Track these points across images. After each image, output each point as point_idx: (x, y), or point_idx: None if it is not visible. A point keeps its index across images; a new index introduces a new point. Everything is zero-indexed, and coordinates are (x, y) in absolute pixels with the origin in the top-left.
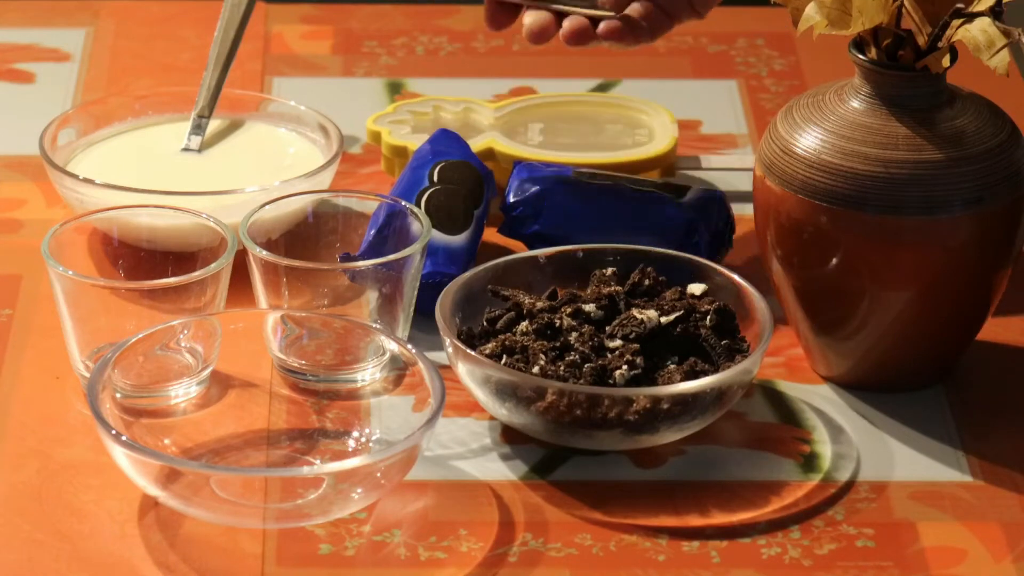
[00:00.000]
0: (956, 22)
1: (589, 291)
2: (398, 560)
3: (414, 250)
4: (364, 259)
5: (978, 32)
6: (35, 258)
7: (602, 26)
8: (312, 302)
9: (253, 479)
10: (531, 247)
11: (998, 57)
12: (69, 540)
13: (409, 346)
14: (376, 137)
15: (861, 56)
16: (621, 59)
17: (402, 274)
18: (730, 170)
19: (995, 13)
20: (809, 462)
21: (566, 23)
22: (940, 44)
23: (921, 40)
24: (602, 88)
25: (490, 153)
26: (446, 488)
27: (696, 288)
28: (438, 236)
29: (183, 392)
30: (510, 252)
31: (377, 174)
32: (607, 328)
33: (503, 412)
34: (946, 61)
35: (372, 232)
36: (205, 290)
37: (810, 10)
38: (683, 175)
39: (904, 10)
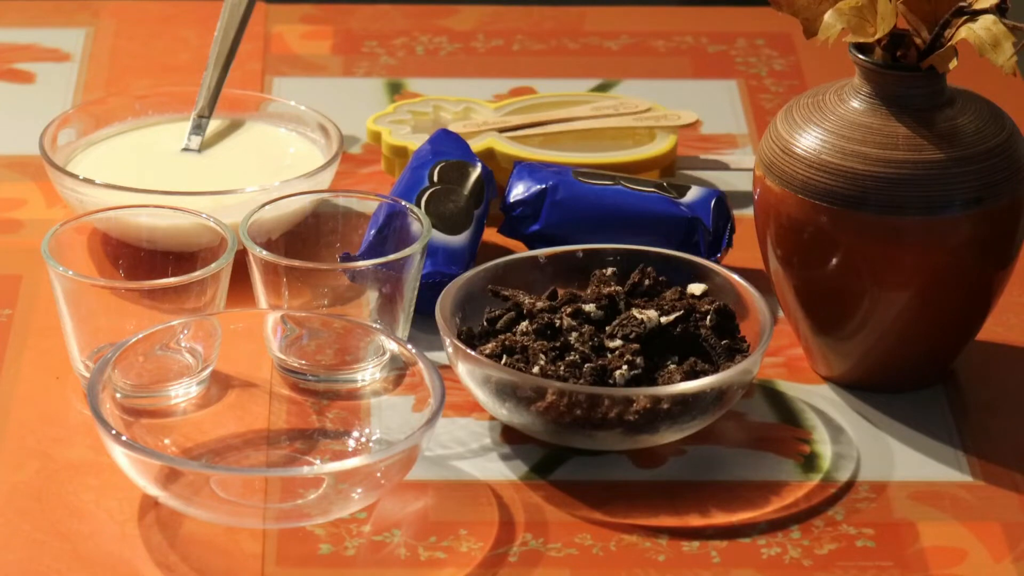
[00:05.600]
0: (958, 20)
1: (589, 291)
2: (398, 560)
3: (414, 250)
4: (364, 259)
5: (982, 30)
6: (35, 258)
7: None
8: (312, 302)
9: (253, 479)
10: (531, 247)
11: (1005, 55)
12: (69, 540)
13: (409, 346)
14: (376, 137)
15: (861, 56)
16: (621, 59)
17: (402, 274)
18: (730, 170)
19: (1000, 10)
20: (809, 462)
21: None
22: (942, 43)
23: (920, 40)
24: (602, 88)
25: (490, 153)
26: (446, 488)
27: (696, 288)
28: (438, 236)
29: (183, 392)
30: (510, 252)
31: (377, 174)
32: (607, 328)
33: (503, 412)
34: (953, 61)
35: (372, 232)
36: (205, 290)
37: (830, 17)
38: (683, 175)
39: (899, 10)
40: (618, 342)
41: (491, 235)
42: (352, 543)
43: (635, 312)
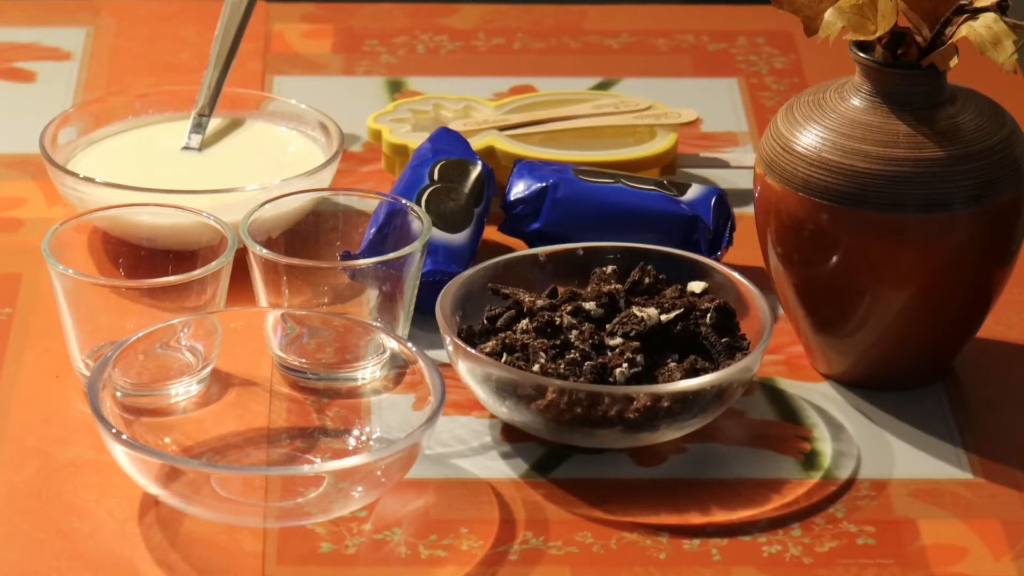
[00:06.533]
0: (958, 18)
1: (589, 289)
2: (399, 558)
3: (414, 248)
4: (364, 257)
5: (983, 28)
6: (35, 257)
7: None
8: (312, 300)
9: (253, 477)
10: (531, 245)
11: (1005, 53)
12: (70, 539)
13: (409, 344)
14: (376, 135)
15: (862, 54)
16: (622, 57)
17: (402, 272)
18: (731, 168)
19: (1001, 8)
20: (810, 460)
21: None
22: (943, 41)
23: (920, 37)
24: (602, 86)
25: (490, 151)
26: (446, 486)
27: (696, 286)
28: (438, 234)
29: (183, 391)
30: (510, 250)
31: (377, 172)
32: (607, 326)
33: (503, 410)
34: (954, 59)
35: (372, 230)
36: (205, 288)
37: (830, 15)
38: (683, 173)
39: (900, 8)
40: (618, 340)
41: (491, 233)
42: (353, 541)
43: (635, 310)
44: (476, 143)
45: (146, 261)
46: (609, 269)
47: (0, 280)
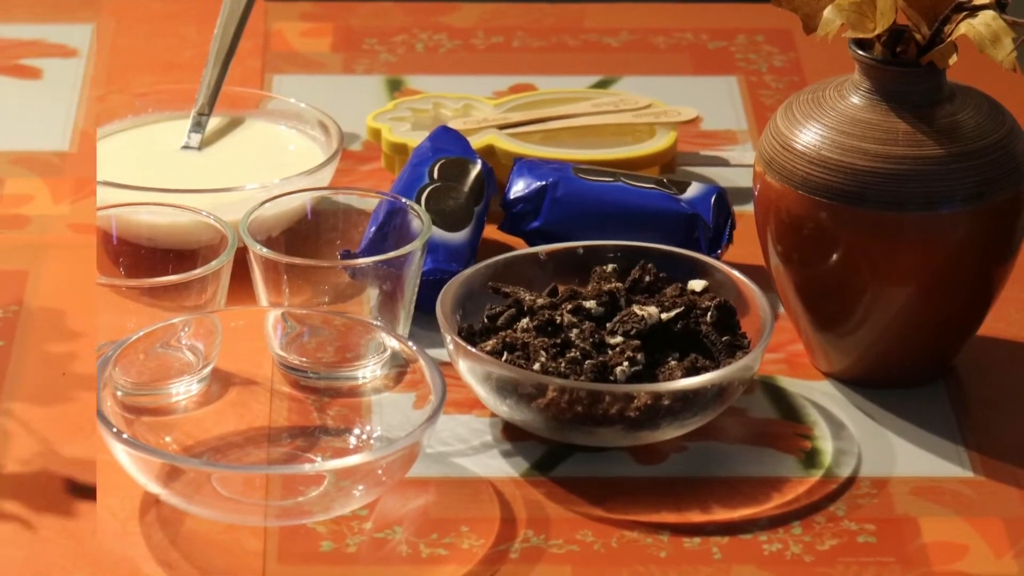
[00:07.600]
0: (957, 16)
1: (590, 288)
2: (400, 557)
3: (414, 247)
4: (364, 256)
5: (982, 26)
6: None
7: None
8: (313, 299)
9: (254, 476)
10: (531, 244)
11: (1004, 51)
12: (71, 538)
13: (410, 343)
14: (376, 134)
15: (861, 52)
16: (621, 56)
17: (403, 271)
18: (730, 166)
19: (1000, 5)
20: (810, 458)
21: None
22: (942, 39)
23: (919, 35)
24: (602, 84)
25: (490, 150)
26: (447, 485)
27: (697, 284)
28: (438, 233)
29: (184, 390)
30: (510, 249)
31: (377, 171)
32: (608, 325)
33: (504, 409)
34: (953, 57)
35: (372, 229)
36: (206, 288)
37: (829, 13)
38: (683, 171)
39: (899, 6)
40: (619, 338)
41: (491, 232)
42: (353, 540)
43: (636, 308)
44: (476, 142)
45: (146, 260)
46: (609, 268)
47: (6, 277)
